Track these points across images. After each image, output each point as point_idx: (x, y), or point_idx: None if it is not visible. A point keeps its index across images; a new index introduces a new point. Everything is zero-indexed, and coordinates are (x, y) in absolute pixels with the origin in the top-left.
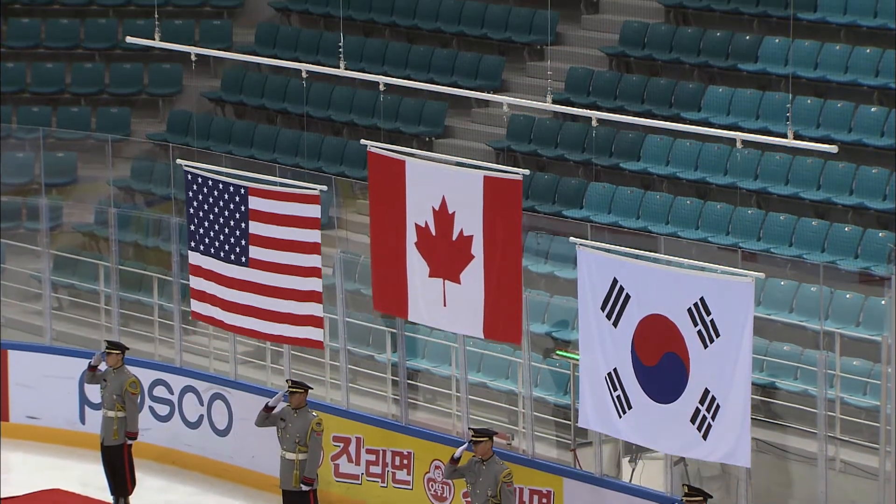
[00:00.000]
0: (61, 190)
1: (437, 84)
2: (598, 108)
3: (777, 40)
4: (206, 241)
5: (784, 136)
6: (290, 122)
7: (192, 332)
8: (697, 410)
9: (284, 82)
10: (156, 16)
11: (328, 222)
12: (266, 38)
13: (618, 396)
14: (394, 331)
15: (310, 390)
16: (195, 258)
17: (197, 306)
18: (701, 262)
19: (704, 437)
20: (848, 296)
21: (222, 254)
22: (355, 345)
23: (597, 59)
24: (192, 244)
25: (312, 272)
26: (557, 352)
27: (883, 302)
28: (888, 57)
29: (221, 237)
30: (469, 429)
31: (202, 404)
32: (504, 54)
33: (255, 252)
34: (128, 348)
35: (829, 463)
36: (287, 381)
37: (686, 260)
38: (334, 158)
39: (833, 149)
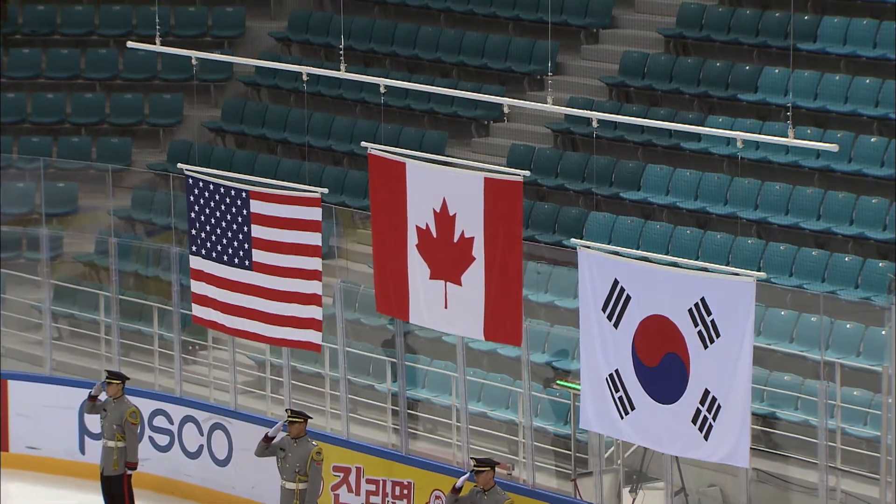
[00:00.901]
0: (62, 220)
1: (438, 114)
2: (599, 138)
3: (777, 70)
4: (208, 245)
5: (784, 164)
6: (291, 151)
7: (193, 361)
8: (698, 411)
9: (285, 112)
10: (157, 30)
11: (328, 251)
12: (267, 69)
13: (619, 398)
14: (394, 360)
15: (309, 420)
16: (196, 262)
17: (198, 311)
18: (702, 262)
19: (706, 437)
20: (848, 326)
21: (225, 258)
22: (355, 374)
23: (597, 89)
24: (194, 248)
25: (313, 275)
26: (558, 381)
27: (883, 332)
28: (888, 87)
29: (224, 241)
30: (471, 458)
31: (202, 434)
32: (504, 84)
33: (258, 255)
34: (128, 378)
35: (830, 493)
36: (287, 410)
37: (686, 260)
38: (335, 188)
39: (834, 147)
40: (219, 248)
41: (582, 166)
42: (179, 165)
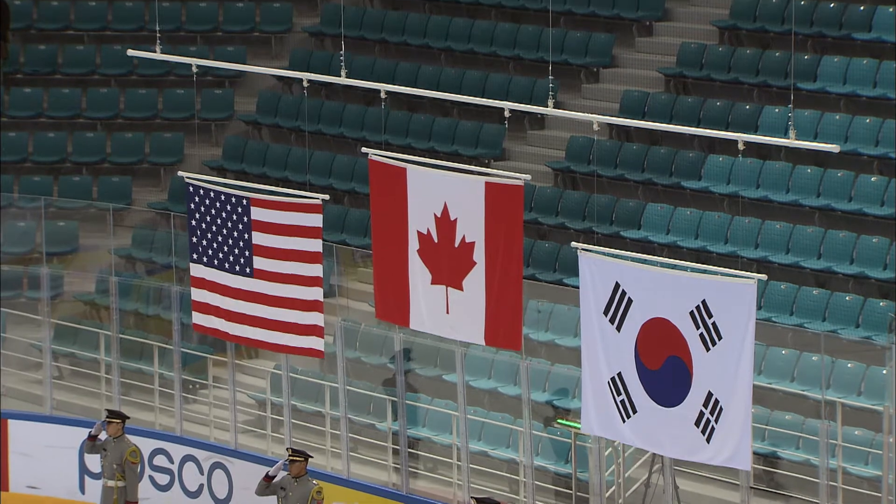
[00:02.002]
0: (62, 259)
1: (439, 154)
2: (599, 177)
3: (777, 110)
4: (209, 252)
5: (784, 203)
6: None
7: (193, 400)
8: (701, 413)
9: (286, 151)
10: (158, 38)
11: (329, 290)
12: (267, 108)
13: (622, 401)
14: (395, 399)
15: (310, 459)
16: (197, 270)
17: (199, 318)
18: (702, 265)
19: (708, 440)
20: (849, 365)
21: (227, 265)
22: (356, 413)
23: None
24: (195, 256)
25: (315, 282)
26: (558, 420)
27: (884, 371)
28: (888, 126)
29: (225, 248)
30: (471, 497)
31: (202, 473)
32: (505, 122)
33: (259, 262)
34: (128, 417)
35: None
36: (287, 449)
37: (687, 263)
38: (335, 227)
39: (835, 148)
40: (220, 255)
41: (583, 205)
42: (180, 173)
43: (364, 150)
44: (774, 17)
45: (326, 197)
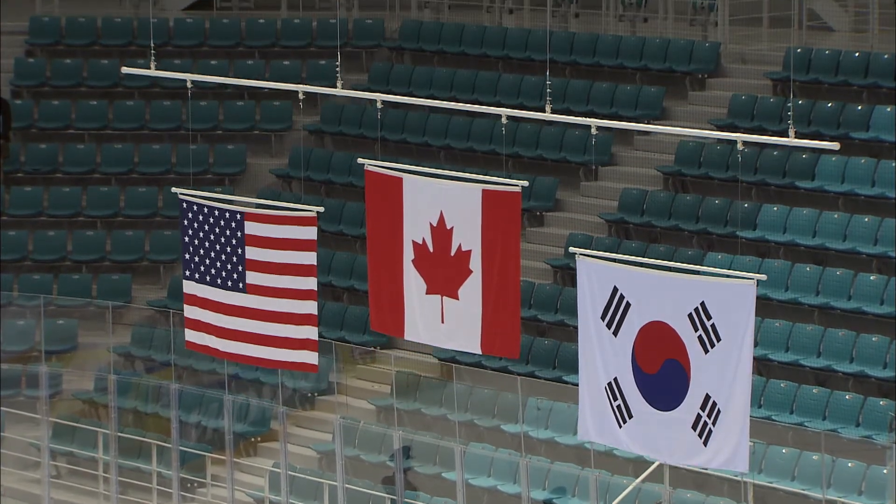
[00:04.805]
0: (61, 357)
1: None
2: None
3: (775, 208)
4: (202, 268)
5: (784, 301)
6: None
7: (191, 499)
8: (699, 417)
9: None
10: (152, 53)
11: (328, 387)
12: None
13: (618, 406)
14: (394, 497)
15: None
16: (190, 287)
17: (191, 336)
18: (702, 267)
19: (705, 443)
20: (850, 464)
21: (219, 280)
22: None
23: (596, 225)
24: (188, 273)
25: (309, 295)
26: None
27: (885, 471)
28: (887, 225)
29: (218, 264)
30: None
31: None
32: None
33: (252, 277)
34: None
35: None
36: None
37: (686, 265)
38: (334, 324)
39: (834, 146)
40: (212, 271)
41: None
42: (174, 190)
43: (360, 160)
44: (772, 115)
45: (321, 209)
